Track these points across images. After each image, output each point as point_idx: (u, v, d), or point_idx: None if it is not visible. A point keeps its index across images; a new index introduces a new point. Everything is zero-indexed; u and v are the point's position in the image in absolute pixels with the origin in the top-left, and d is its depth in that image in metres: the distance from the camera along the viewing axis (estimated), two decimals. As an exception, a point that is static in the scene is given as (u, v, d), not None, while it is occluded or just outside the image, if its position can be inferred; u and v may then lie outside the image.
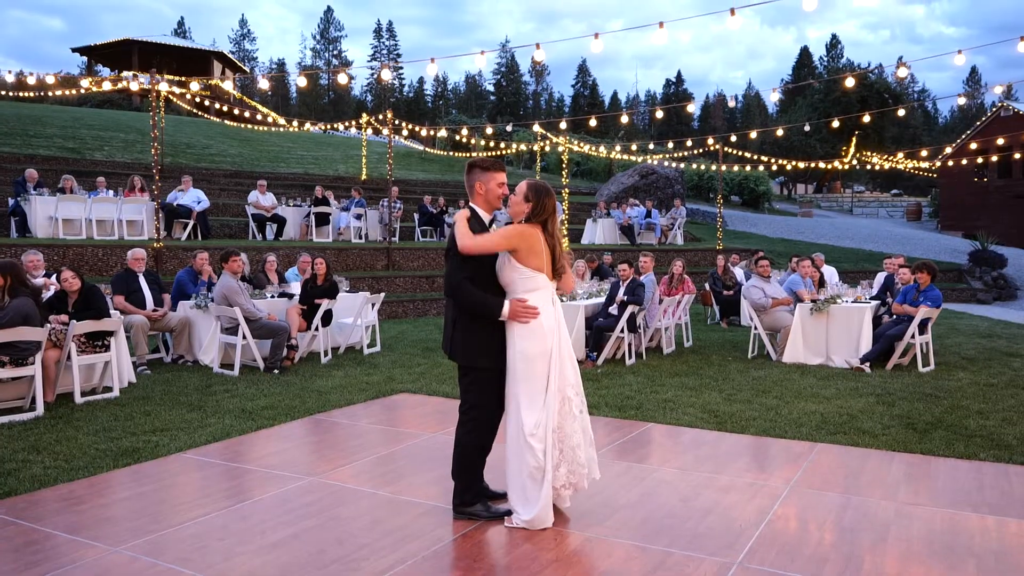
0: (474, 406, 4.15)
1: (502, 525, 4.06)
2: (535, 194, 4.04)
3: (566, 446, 4.02)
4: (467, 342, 4.10)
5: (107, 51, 38.59)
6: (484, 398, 4.15)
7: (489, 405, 4.16)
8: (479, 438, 4.18)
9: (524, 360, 3.98)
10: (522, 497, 4.02)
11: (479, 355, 4.09)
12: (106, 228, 14.07)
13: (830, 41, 78.83)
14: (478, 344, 4.08)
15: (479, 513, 4.18)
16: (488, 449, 4.26)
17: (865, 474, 4.95)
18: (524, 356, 3.98)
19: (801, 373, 8.44)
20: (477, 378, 4.13)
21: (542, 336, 3.99)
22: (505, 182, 4.23)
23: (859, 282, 10.72)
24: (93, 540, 3.86)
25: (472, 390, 4.16)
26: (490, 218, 4.23)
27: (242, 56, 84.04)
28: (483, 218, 4.18)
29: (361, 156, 24.98)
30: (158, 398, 7.07)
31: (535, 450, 3.94)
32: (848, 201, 51.15)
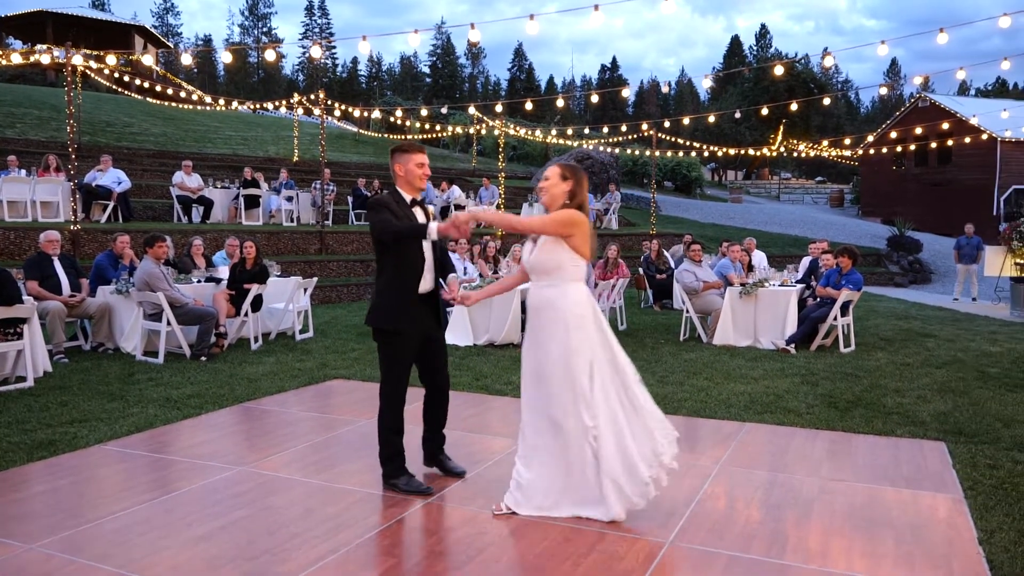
0: (383, 380, 4.27)
1: (440, 511, 4.03)
2: (572, 172, 3.94)
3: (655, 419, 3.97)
4: (377, 306, 4.20)
5: (19, 22, 36.43)
6: (388, 371, 4.23)
7: (391, 379, 4.24)
8: (388, 414, 4.28)
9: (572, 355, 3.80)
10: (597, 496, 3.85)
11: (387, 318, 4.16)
12: (18, 209, 13.34)
13: (759, 31, 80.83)
14: (388, 307, 4.17)
15: (399, 486, 4.27)
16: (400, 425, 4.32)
17: (791, 452, 5.11)
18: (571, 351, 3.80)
19: (731, 355, 8.66)
20: (382, 346, 4.23)
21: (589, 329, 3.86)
22: (425, 163, 4.26)
23: (785, 266, 11.06)
24: (5, 538, 3.66)
25: (381, 363, 4.28)
26: (412, 199, 4.24)
27: (165, 31, 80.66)
28: (404, 198, 4.23)
29: (292, 137, 24.38)
30: (76, 388, 6.76)
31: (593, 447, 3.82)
32: (775, 187, 52.73)
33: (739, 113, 24.55)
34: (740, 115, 25.23)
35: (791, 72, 45.25)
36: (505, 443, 5.24)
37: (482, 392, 6.83)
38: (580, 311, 3.86)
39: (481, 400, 6.55)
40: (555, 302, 3.86)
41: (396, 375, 4.27)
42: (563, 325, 3.83)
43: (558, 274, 3.88)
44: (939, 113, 31.18)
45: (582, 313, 3.86)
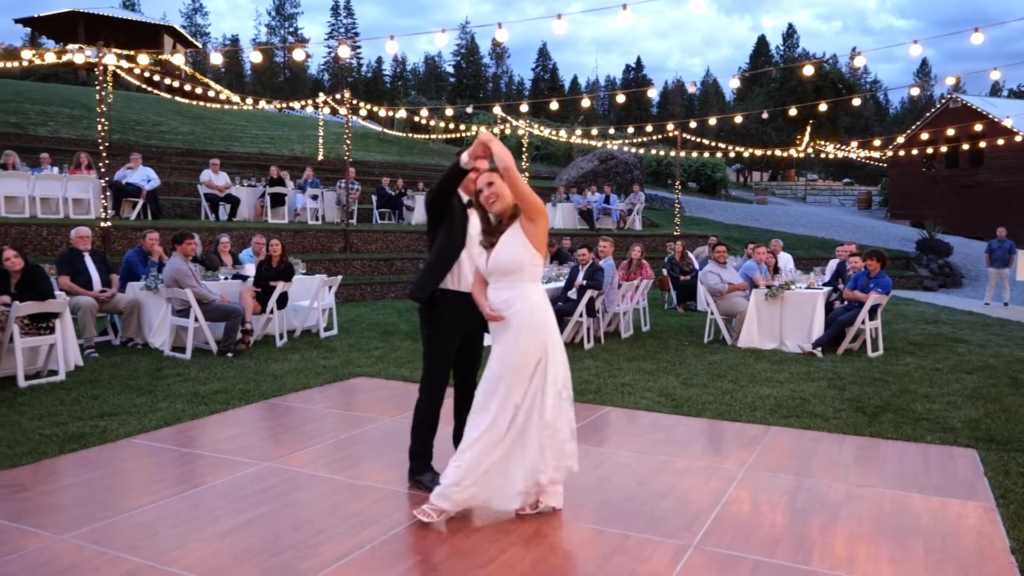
0: (425, 373, 4.31)
1: (464, 510, 4.04)
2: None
3: (554, 441, 3.83)
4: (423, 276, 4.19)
5: (52, 22, 37.09)
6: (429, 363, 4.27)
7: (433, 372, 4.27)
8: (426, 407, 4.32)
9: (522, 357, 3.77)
10: None
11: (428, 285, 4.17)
12: (51, 206, 13.58)
13: (786, 30, 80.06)
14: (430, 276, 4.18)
15: (424, 483, 4.25)
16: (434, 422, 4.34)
17: (817, 457, 5.05)
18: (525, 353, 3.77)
19: (756, 358, 8.59)
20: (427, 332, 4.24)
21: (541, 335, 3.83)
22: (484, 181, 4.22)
23: (812, 269, 10.94)
24: (38, 528, 3.73)
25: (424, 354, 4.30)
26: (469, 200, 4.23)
27: (194, 31, 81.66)
28: (462, 198, 4.27)
29: (318, 136, 24.56)
30: (106, 382, 6.87)
31: None
32: (802, 189, 52.14)
33: (766, 113, 24.28)
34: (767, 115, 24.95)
35: (819, 72, 44.76)
36: (528, 443, 5.23)
37: (505, 392, 6.81)
38: (540, 317, 3.83)
39: (504, 400, 6.54)
40: (513, 304, 3.78)
41: (438, 367, 4.28)
42: (515, 329, 3.77)
43: (518, 275, 3.81)
44: (971, 114, 30.65)
45: (542, 319, 3.83)
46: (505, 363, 3.80)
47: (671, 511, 4.06)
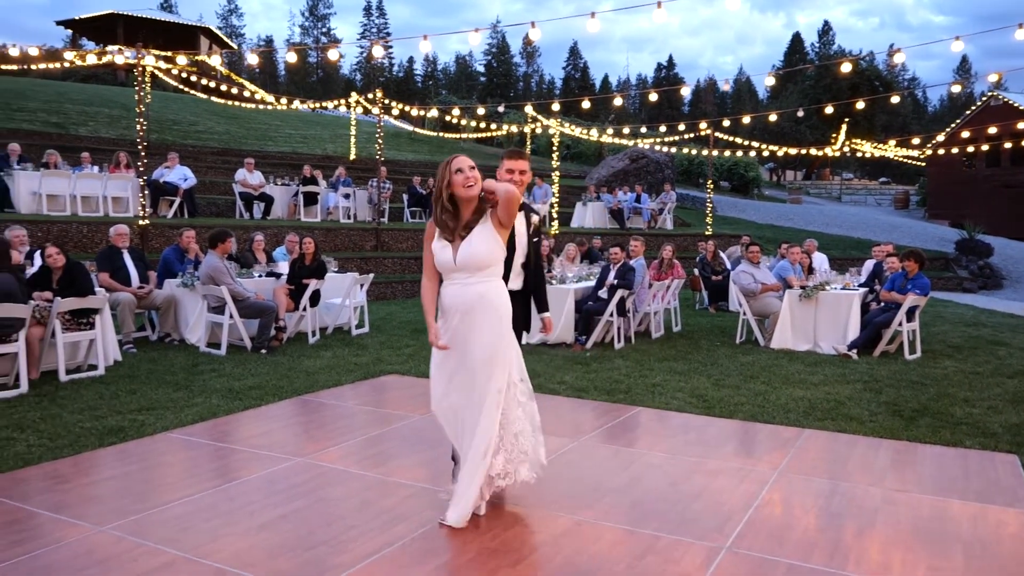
0: None
1: (494, 509, 4.05)
2: None
3: (507, 432, 3.85)
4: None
5: (92, 24, 37.94)
6: None
7: None
8: None
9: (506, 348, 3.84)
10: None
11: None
12: (91, 204, 13.88)
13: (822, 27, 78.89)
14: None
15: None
16: None
17: (852, 460, 4.97)
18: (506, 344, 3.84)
19: (789, 359, 8.48)
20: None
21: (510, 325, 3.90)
22: (515, 168, 4.31)
23: (848, 269, 10.76)
24: (78, 519, 3.82)
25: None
26: None
27: (229, 32, 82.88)
28: None
29: (350, 135, 24.76)
30: (144, 377, 7.00)
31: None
32: (837, 188, 51.32)
33: (801, 111, 23.95)
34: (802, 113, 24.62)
35: (855, 70, 44.00)
36: (558, 442, 5.23)
37: (535, 391, 6.78)
38: (509, 306, 3.87)
39: (534, 399, 6.53)
40: (489, 297, 3.79)
41: None
42: (498, 319, 3.79)
43: (492, 269, 3.81)
44: (1013, 112, 29.90)
45: (510, 308, 3.87)
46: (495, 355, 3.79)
47: (703, 513, 4.02)
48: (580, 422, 5.89)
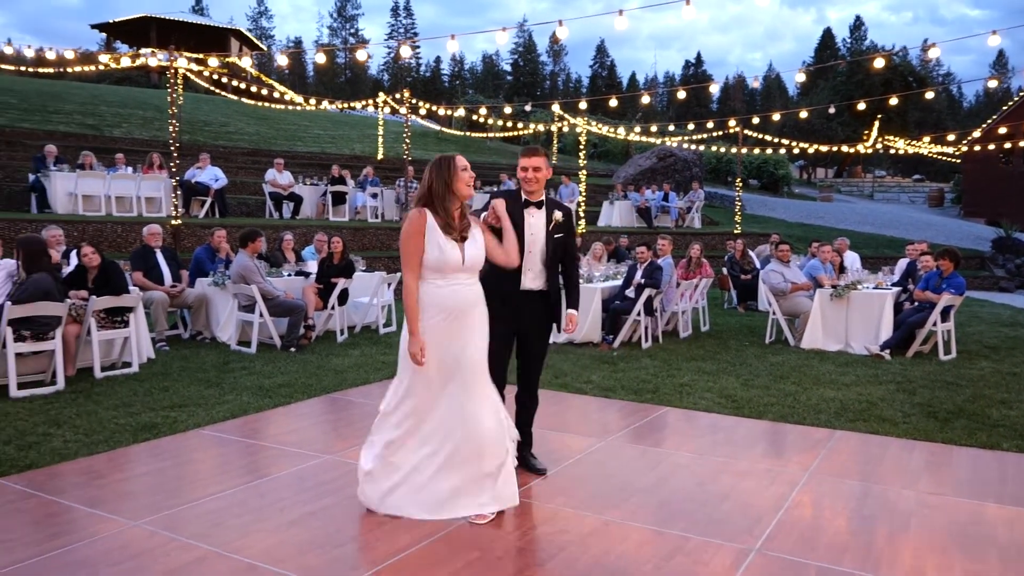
0: None
1: (522, 507, 4.05)
2: None
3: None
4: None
5: (125, 28, 38.62)
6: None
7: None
8: None
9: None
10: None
11: None
12: (125, 205, 14.14)
13: (854, 22, 77.72)
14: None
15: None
16: None
17: (885, 462, 4.89)
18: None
19: (820, 359, 8.37)
20: None
21: None
22: (528, 166, 4.35)
23: (880, 268, 10.59)
24: (112, 514, 3.89)
25: None
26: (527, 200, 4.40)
27: (259, 34, 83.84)
28: (521, 198, 4.40)
29: (378, 135, 24.92)
30: (176, 374, 7.11)
31: None
32: (869, 186, 50.52)
33: (832, 108, 23.56)
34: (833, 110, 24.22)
35: (888, 65, 43.27)
36: (585, 442, 5.22)
37: (561, 390, 6.81)
38: None
39: (561, 398, 6.54)
40: (483, 297, 3.93)
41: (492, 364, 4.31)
42: (487, 319, 3.93)
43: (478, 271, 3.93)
44: (1052, 107, 29.19)
45: None
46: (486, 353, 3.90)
47: (732, 514, 3.99)
48: (607, 422, 5.87)
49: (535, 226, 4.36)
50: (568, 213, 4.50)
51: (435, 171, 3.79)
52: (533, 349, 4.47)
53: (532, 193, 4.37)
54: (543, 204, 4.39)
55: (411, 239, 3.72)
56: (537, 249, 4.35)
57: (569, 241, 4.49)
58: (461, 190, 3.79)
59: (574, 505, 4.08)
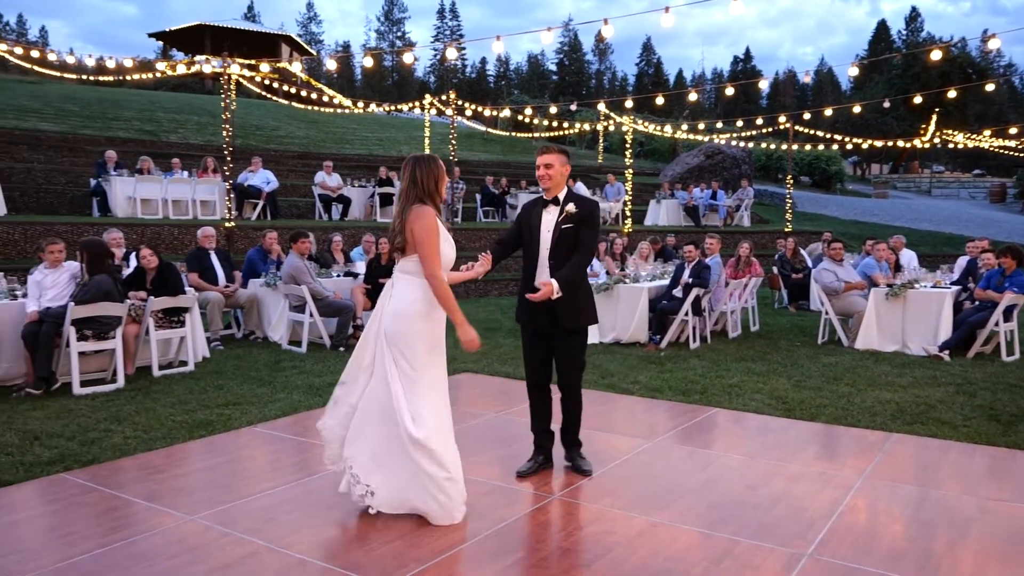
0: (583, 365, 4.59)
1: (568, 507, 4.04)
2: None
3: None
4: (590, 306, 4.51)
5: (181, 36, 39.66)
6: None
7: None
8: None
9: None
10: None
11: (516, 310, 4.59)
12: (181, 208, 14.55)
13: (909, 14, 75.44)
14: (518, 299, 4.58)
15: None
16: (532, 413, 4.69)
17: (944, 467, 4.74)
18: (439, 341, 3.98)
19: (875, 360, 8.15)
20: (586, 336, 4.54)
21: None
22: (540, 164, 4.39)
23: (938, 266, 10.27)
24: (170, 508, 4.00)
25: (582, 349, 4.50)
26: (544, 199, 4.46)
27: (309, 39, 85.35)
28: (542, 198, 4.49)
29: (424, 137, 25.13)
30: (230, 373, 7.29)
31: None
32: (926, 182, 48.99)
33: (888, 102, 22.94)
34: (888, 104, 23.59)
35: (946, 57, 41.92)
36: (632, 442, 5.18)
37: (608, 391, 6.78)
38: None
39: (607, 399, 6.50)
40: None
41: (525, 364, 4.54)
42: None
43: None
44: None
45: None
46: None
47: (783, 518, 3.91)
48: (654, 422, 5.81)
49: (549, 223, 4.36)
50: (587, 206, 4.36)
51: (424, 168, 3.85)
52: (557, 348, 4.43)
53: (548, 191, 4.39)
54: (559, 200, 4.38)
55: (434, 235, 3.74)
56: (544, 246, 4.36)
57: (583, 231, 4.31)
58: (443, 189, 3.93)
59: (621, 506, 4.06)
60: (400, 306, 3.78)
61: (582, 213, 4.33)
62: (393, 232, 3.84)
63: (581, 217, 4.32)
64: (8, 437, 5.13)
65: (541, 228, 4.37)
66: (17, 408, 5.91)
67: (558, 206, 4.36)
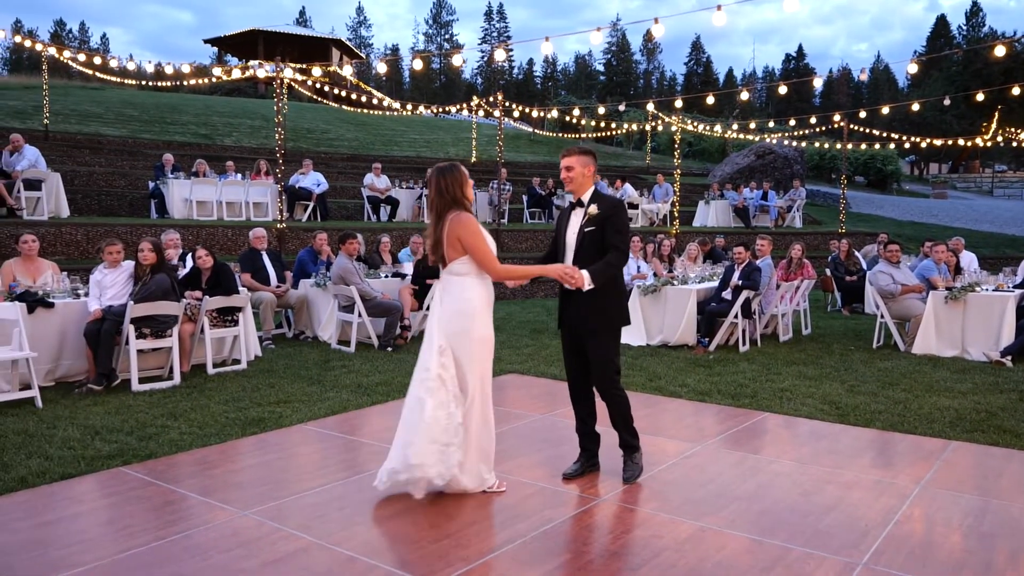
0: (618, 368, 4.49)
1: (615, 511, 4.02)
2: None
3: None
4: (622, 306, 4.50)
5: (235, 41, 40.66)
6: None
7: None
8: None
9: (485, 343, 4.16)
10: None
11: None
12: (235, 210, 14.89)
13: (970, 9, 72.93)
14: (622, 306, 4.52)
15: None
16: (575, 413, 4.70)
17: (1007, 476, 4.57)
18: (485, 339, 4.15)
19: (933, 365, 7.90)
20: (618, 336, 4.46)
21: None
22: (563, 166, 4.45)
23: (1001, 269, 9.90)
24: (223, 503, 4.10)
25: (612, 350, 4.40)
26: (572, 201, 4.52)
27: (358, 43, 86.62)
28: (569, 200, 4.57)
29: (471, 139, 25.27)
30: (281, 371, 7.43)
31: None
32: (987, 182, 47.30)
33: (948, 99, 22.23)
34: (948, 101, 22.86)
35: (1009, 53, 40.42)
36: (680, 446, 5.13)
37: (656, 393, 6.71)
38: None
39: (655, 401, 6.44)
40: None
41: (565, 366, 4.61)
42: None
43: None
44: None
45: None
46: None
47: (837, 526, 3.82)
48: (703, 426, 5.74)
49: (575, 227, 4.37)
50: (608, 205, 4.30)
51: (447, 178, 4.07)
52: (588, 350, 4.38)
53: (572, 193, 4.42)
54: (584, 203, 4.37)
55: (479, 235, 4.02)
56: (569, 251, 4.37)
57: (608, 232, 4.26)
58: (468, 191, 4.11)
59: (669, 510, 4.01)
60: (459, 306, 4.06)
61: (604, 214, 4.28)
62: (433, 243, 4.07)
63: (604, 218, 4.27)
64: (70, 432, 5.32)
65: (567, 232, 4.39)
66: (79, 404, 6.13)
67: (583, 208, 4.35)
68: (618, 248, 4.27)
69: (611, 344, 4.39)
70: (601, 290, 4.23)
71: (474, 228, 3.98)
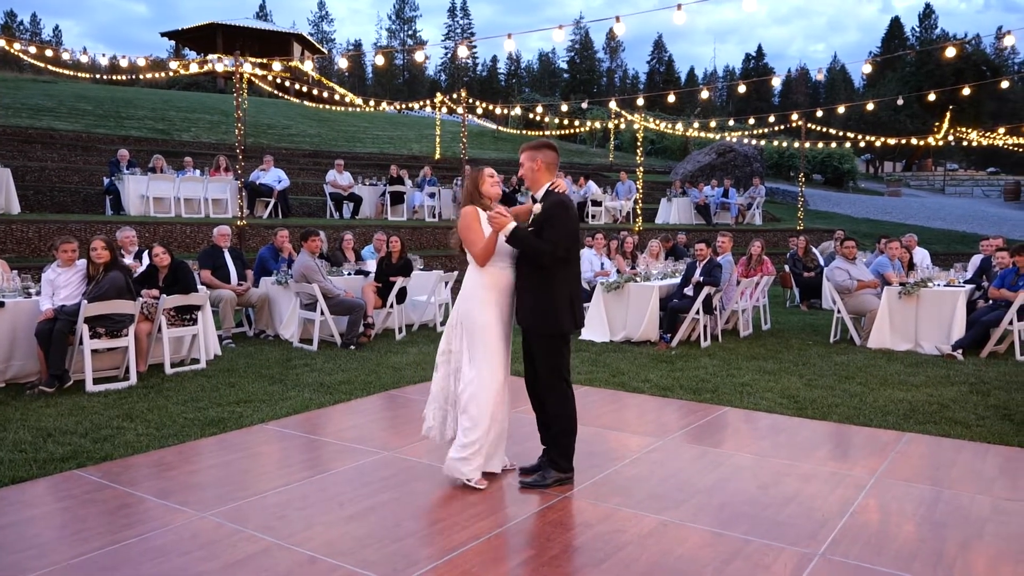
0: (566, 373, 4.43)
1: (578, 506, 4.04)
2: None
3: None
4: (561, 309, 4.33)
5: (193, 35, 39.87)
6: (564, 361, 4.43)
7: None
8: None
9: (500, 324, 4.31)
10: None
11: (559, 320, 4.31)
12: (193, 206, 14.62)
13: (923, 11, 74.77)
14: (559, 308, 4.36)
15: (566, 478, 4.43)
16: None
17: (958, 467, 4.71)
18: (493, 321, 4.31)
19: (887, 359, 8.10)
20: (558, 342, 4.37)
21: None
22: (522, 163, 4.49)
23: (952, 265, 10.19)
24: (182, 505, 4.03)
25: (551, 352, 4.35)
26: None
27: (320, 38, 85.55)
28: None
29: (435, 135, 25.16)
30: (242, 370, 7.32)
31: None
32: (940, 180, 48.59)
33: (902, 99, 22.77)
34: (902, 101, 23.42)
35: (960, 54, 41.58)
36: (643, 441, 5.17)
37: (619, 389, 6.76)
38: None
39: (618, 397, 6.49)
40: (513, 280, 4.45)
41: None
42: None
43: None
44: None
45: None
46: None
47: (794, 517, 3.89)
48: (665, 421, 5.80)
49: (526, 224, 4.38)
50: (550, 205, 4.20)
51: (469, 178, 4.49)
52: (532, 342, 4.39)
53: (530, 189, 4.50)
54: (537, 199, 4.36)
55: (470, 228, 4.29)
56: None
57: (544, 231, 4.16)
58: (483, 189, 4.38)
59: (631, 505, 4.05)
60: (465, 292, 4.40)
61: (543, 215, 4.21)
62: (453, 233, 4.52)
63: (542, 220, 4.20)
64: (22, 434, 5.18)
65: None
66: (31, 405, 5.96)
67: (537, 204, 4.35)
68: (548, 236, 4.15)
69: (550, 347, 4.29)
70: (542, 294, 4.21)
71: (467, 221, 4.29)
